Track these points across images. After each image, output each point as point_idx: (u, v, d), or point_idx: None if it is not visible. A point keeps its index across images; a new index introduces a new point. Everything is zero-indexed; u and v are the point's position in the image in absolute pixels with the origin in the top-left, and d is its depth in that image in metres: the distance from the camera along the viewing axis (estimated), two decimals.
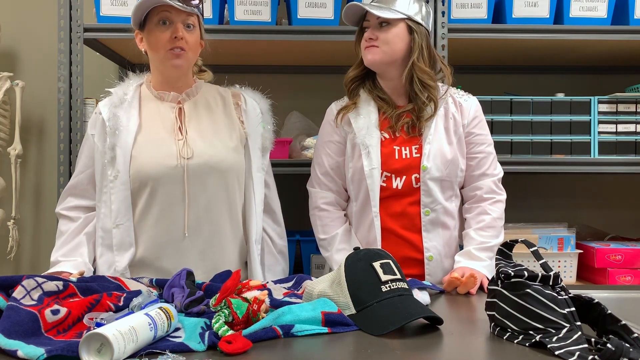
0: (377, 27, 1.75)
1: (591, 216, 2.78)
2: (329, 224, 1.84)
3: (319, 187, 1.87)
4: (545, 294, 1.09)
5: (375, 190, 1.75)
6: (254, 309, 1.14)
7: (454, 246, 1.81)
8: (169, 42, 1.62)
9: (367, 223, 1.79)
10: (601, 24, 2.27)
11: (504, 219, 1.81)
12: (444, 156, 1.74)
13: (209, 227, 1.67)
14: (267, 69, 2.71)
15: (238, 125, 1.75)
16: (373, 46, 1.74)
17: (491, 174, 1.82)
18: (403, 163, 1.75)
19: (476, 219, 1.78)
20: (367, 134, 1.77)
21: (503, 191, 1.83)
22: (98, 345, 0.95)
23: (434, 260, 1.75)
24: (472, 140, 1.81)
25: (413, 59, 1.74)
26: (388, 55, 1.74)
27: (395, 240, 1.76)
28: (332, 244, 1.82)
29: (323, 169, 1.86)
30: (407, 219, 1.76)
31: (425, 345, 1.11)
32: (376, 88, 1.83)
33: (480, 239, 1.74)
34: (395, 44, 1.73)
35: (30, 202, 2.79)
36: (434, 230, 1.76)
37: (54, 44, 2.25)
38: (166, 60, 1.64)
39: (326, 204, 1.85)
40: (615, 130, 2.33)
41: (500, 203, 1.81)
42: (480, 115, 1.84)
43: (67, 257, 1.67)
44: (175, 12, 1.62)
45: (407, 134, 1.78)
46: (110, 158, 1.65)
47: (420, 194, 1.74)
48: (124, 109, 1.69)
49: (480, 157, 1.81)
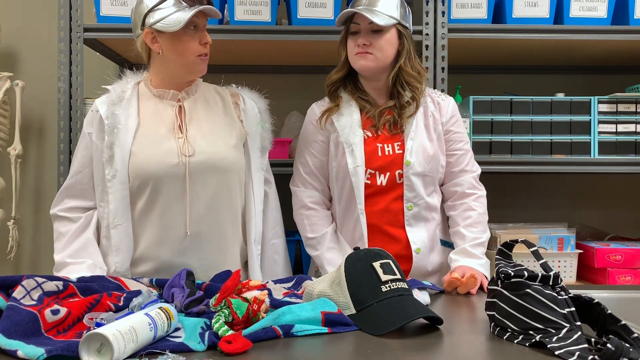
0: (369, 32, 1.76)
1: (591, 216, 2.78)
2: (317, 222, 1.85)
3: (304, 187, 1.88)
4: (545, 294, 1.09)
5: (360, 188, 1.77)
6: (254, 309, 1.14)
7: (436, 241, 1.84)
8: (200, 49, 1.63)
9: (352, 221, 1.81)
10: (601, 24, 2.27)
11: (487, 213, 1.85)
12: (426, 152, 1.78)
13: (210, 225, 1.66)
14: (267, 68, 2.71)
15: (238, 124, 1.75)
16: (367, 53, 1.75)
17: (470, 169, 1.86)
18: (387, 159, 1.78)
19: (462, 216, 1.82)
20: (351, 132, 1.79)
21: (483, 187, 1.88)
22: (98, 345, 0.95)
23: (421, 254, 1.78)
24: (451, 137, 1.85)
25: (400, 63, 1.77)
26: (381, 62, 1.77)
27: (381, 236, 1.78)
28: (321, 243, 1.82)
29: (307, 168, 1.87)
30: (391, 215, 1.78)
31: (425, 345, 1.11)
32: (358, 90, 1.86)
33: (472, 235, 1.77)
34: (386, 51, 1.76)
35: (30, 202, 2.79)
36: (417, 224, 1.79)
37: (54, 44, 2.26)
38: (195, 65, 1.65)
39: (313, 203, 1.86)
40: (615, 130, 2.33)
41: (483, 198, 1.85)
42: (457, 114, 1.88)
43: (74, 258, 1.63)
44: (201, 17, 1.63)
45: (389, 132, 1.81)
46: (109, 157, 1.63)
47: (403, 190, 1.77)
48: (122, 106, 1.67)
49: (459, 154, 1.85)
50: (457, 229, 1.81)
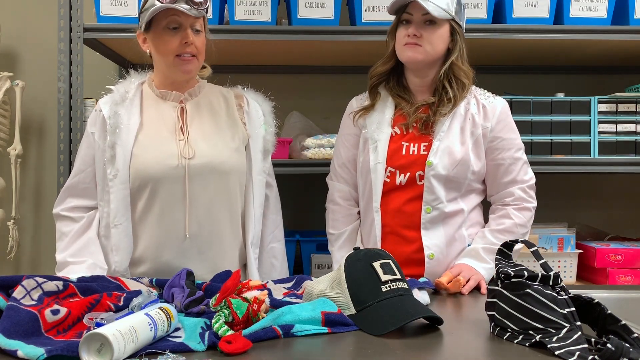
0: (421, 24, 1.69)
1: (591, 216, 2.78)
2: (339, 219, 1.85)
3: (336, 180, 1.89)
4: (545, 294, 1.09)
5: (378, 185, 1.74)
6: (254, 309, 1.14)
7: (458, 247, 1.74)
8: (179, 48, 1.61)
9: (370, 219, 1.78)
10: (601, 24, 2.27)
11: (529, 229, 1.74)
12: (453, 155, 1.69)
13: (210, 228, 1.66)
14: (267, 69, 2.71)
15: (240, 127, 1.74)
16: (416, 44, 1.69)
17: (521, 180, 1.74)
18: (409, 159, 1.72)
19: (497, 221, 1.74)
20: (377, 129, 1.76)
21: (534, 199, 1.76)
22: (98, 345, 0.95)
23: (434, 259, 1.70)
24: (498, 145, 1.74)
25: (452, 60, 1.71)
26: (430, 56, 1.70)
27: (394, 237, 1.74)
28: (337, 240, 1.83)
29: (340, 160, 1.87)
30: (407, 217, 1.72)
31: (425, 345, 1.11)
32: (399, 86, 1.80)
33: (493, 240, 1.69)
34: (437, 45, 1.70)
35: (30, 202, 2.79)
36: (433, 228, 1.71)
37: (54, 44, 2.25)
38: (175, 66, 1.64)
39: (341, 198, 1.86)
40: (615, 130, 2.33)
41: (527, 211, 1.74)
42: (507, 118, 1.77)
43: (76, 257, 1.63)
44: (184, 17, 1.60)
45: (419, 131, 1.74)
46: (110, 156, 1.63)
47: (422, 191, 1.70)
48: (125, 107, 1.67)
49: (507, 164, 1.73)
50: (484, 230, 1.74)
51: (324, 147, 2.27)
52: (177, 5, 1.57)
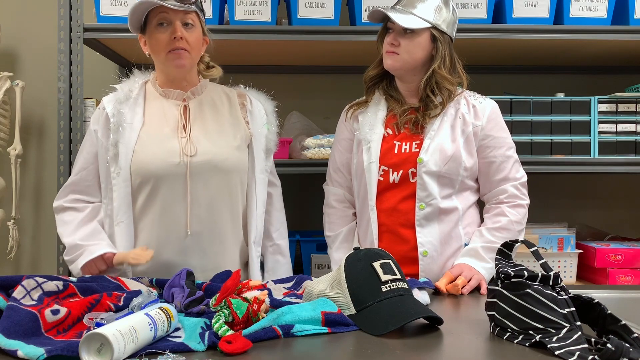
0: (401, 32, 1.73)
1: (591, 216, 2.78)
2: (335, 221, 1.89)
3: (331, 184, 1.92)
4: (545, 294, 1.09)
5: (373, 184, 1.76)
6: (254, 309, 1.14)
7: (454, 245, 1.75)
8: (169, 44, 1.62)
9: (366, 219, 1.80)
10: (601, 24, 2.27)
11: (524, 225, 1.76)
12: (444, 151, 1.72)
13: (211, 225, 1.66)
14: (267, 69, 2.71)
15: (243, 126, 1.75)
16: (394, 52, 1.73)
17: (513, 177, 1.77)
18: (401, 157, 1.75)
19: (492, 219, 1.76)
20: (370, 130, 1.79)
21: (526, 196, 1.79)
22: (98, 345, 0.95)
23: (428, 256, 1.72)
24: (489, 143, 1.77)
25: (434, 67, 1.73)
26: (407, 64, 1.74)
27: (390, 236, 1.76)
28: (334, 242, 1.87)
29: (335, 165, 1.91)
30: (402, 215, 1.74)
31: (425, 345, 1.11)
32: (391, 88, 1.84)
33: (490, 238, 1.71)
34: (415, 53, 1.73)
35: (30, 202, 2.79)
36: (428, 225, 1.73)
37: (54, 44, 2.25)
38: (168, 61, 1.64)
39: (336, 201, 1.90)
40: (615, 130, 2.33)
41: (521, 208, 1.76)
42: (497, 118, 1.79)
43: (88, 240, 1.63)
44: (172, 13, 1.61)
45: (411, 131, 1.77)
46: (113, 154, 1.64)
47: (415, 188, 1.73)
48: (129, 105, 1.68)
49: (499, 161, 1.76)
50: (481, 229, 1.75)
51: (324, 147, 2.27)
52: (161, 2, 1.58)
